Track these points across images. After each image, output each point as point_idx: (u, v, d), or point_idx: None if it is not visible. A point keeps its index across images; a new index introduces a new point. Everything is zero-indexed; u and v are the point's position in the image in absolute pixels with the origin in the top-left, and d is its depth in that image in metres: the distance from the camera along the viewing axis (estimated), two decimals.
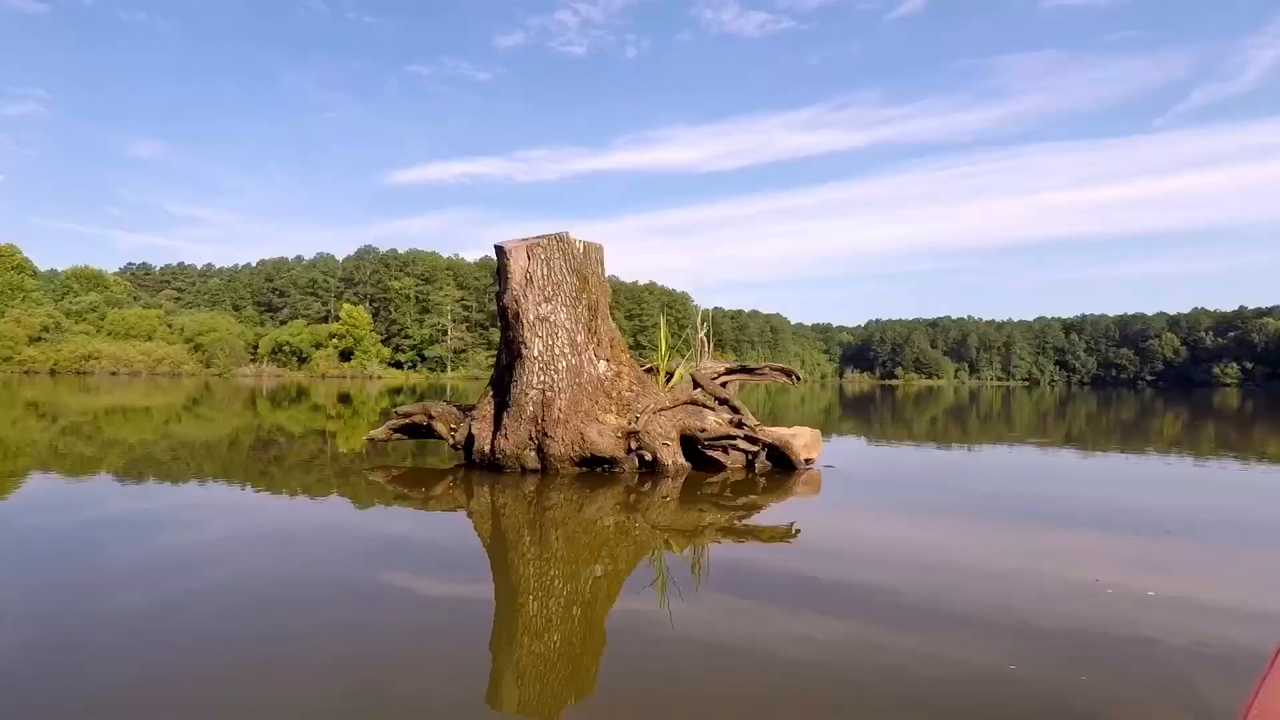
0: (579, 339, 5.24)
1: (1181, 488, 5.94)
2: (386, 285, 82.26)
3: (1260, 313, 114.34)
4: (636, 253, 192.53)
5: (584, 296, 5.28)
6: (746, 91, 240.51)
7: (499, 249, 5.23)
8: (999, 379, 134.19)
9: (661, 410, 5.39)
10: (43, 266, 72.04)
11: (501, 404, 5.39)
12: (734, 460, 5.71)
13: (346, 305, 74.07)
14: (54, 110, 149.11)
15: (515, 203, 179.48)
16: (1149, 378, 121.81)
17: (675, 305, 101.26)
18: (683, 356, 6.80)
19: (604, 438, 5.17)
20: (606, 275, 5.68)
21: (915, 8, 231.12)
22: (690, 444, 5.56)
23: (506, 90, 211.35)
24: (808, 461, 5.98)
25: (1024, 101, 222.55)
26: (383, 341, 76.99)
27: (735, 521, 4.16)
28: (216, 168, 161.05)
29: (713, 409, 5.65)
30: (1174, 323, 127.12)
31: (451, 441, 5.68)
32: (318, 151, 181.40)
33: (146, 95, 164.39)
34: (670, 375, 6.11)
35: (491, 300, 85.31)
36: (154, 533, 3.73)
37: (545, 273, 5.14)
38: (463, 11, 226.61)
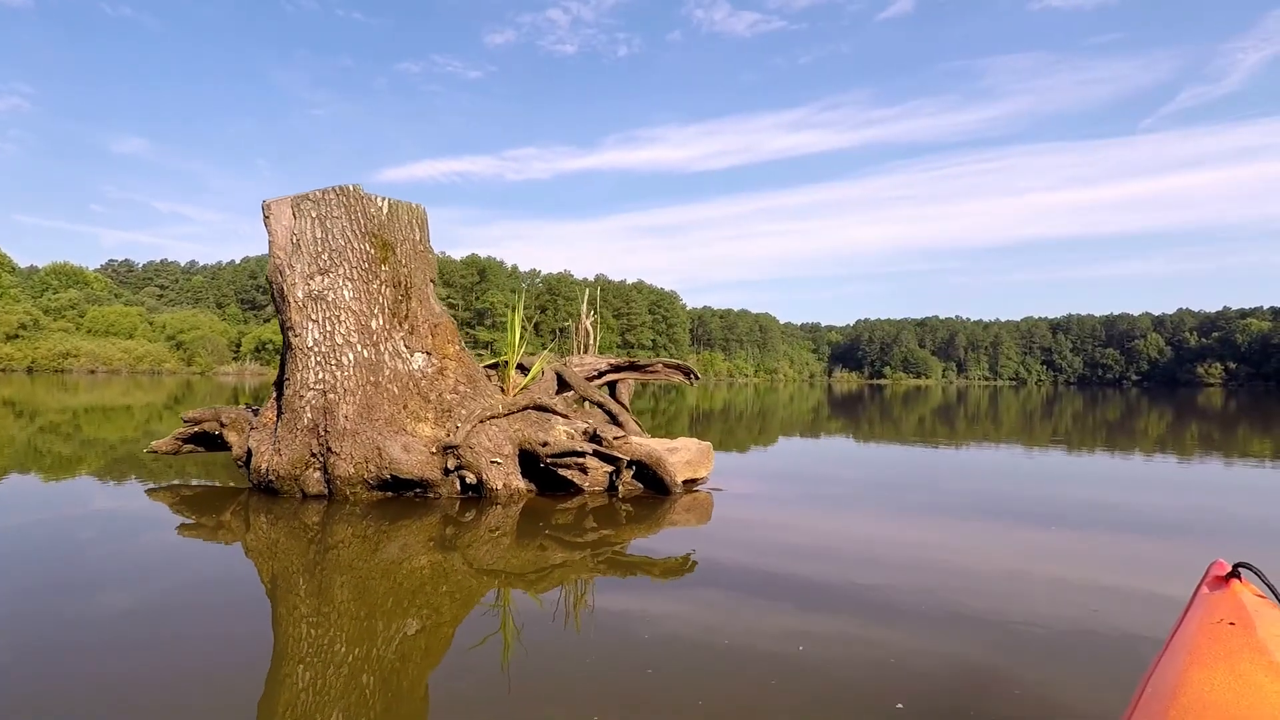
0: (376, 324, 4.00)
1: (1171, 487, 6.00)
2: None
3: (1244, 313, 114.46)
4: (626, 252, 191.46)
5: (383, 269, 4.04)
6: (737, 91, 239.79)
7: (263, 207, 3.97)
8: (986, 379, 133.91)
9: (492, 418, 4.16)
10: (24, 263, 71.75)
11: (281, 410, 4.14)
12: (594, 481, 4.49)
13: None
14: (38, 106, 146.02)
15: (505, 201, 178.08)
16: (1134, 377, 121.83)
17: (663, 304, 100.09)
18: (549, 351, 5.61)
19: (411, 454, 3.94)
20: (430, 244, 4.44)
21: (905, 9, 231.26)
22: (539, 461, 4.33)
23: (497, 88, 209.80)
24: (691, 483, 4.80)
25: (1012, 103, 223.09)
26: None
27: (592, 557, 3.33)
28: (203, 165, 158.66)
29: (564, 416, 4.43)
30: (1159, 323, 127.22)
31: (234, 456, 4.43)
32: (306, 149, 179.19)
33: (132, 92, 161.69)
34: (526, 371, 4.90)
35: (479, 298, 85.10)
36: None
37: (320, 236, 3.89)
38: (453, 9, 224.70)
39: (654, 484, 4.54)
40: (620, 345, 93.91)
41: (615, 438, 4.29)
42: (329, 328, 3.88)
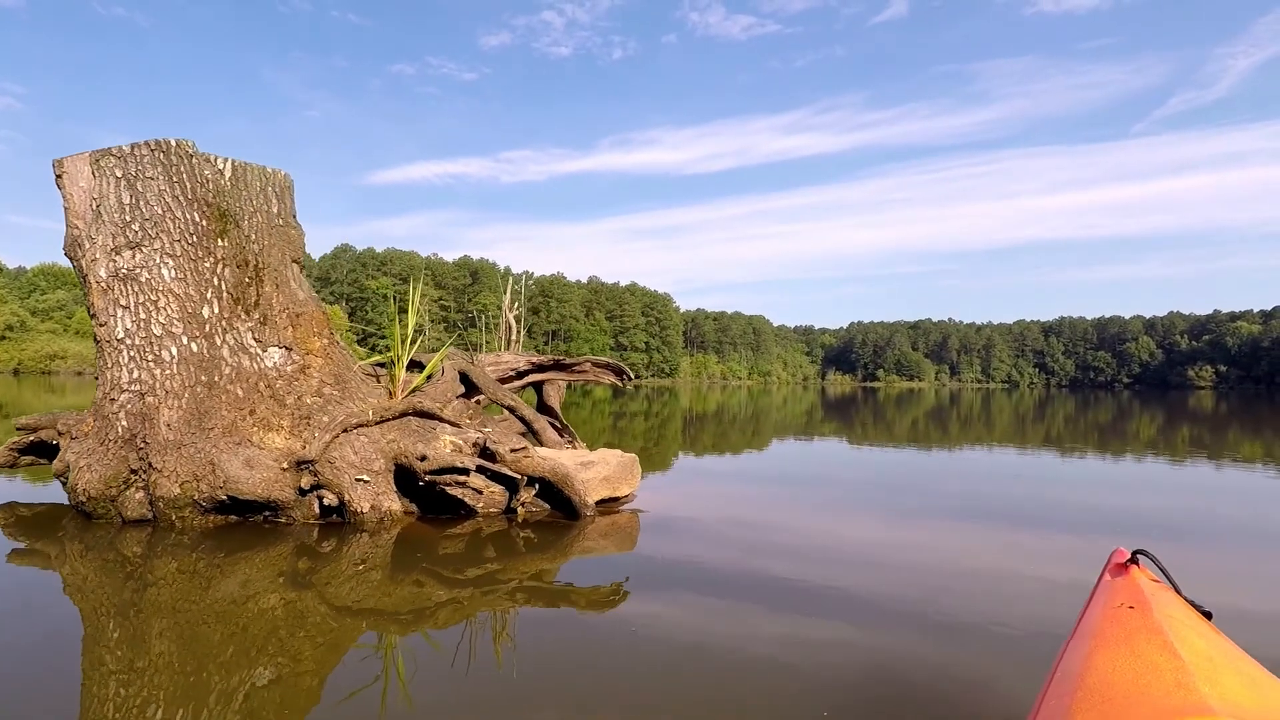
0: (210, 312, 3.27)
1: (1163, 490, 6.02)
2: (364, 285, 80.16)
3: (1234, 316, 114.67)
4: (620, 255, 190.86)
5: (220, 245, 3.30)
6: (731, 94, 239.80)
7: (54, 166, 3.22)
8: (979, 381, 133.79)
9: (360, 426, 3.44)
10: (13, 264, 71.71)
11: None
12: (491, 502, 3.77)
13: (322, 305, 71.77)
14: (29, 105, 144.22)
15: (499, 204, 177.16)
16: (1126, 380, 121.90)
17: (656, 306, 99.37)
18: (464, 347, 4.91)
19: (255, 470, 3.22)
20: (295, 218, 3.72)
21: (899, 13, 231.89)
22: (418, 479, 3.61)
23: (492, 91, 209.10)
24: (607, 503, 4.08)
25: (1005, 107, 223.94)
26: (358, 342, 74.89)
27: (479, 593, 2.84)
28: None
29: (453, 423, 3.71)
30: (1150, 326, 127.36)
31: (55, 472, 3.69)
32: (299, 150, 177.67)
33: (124, 91, 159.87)
34: (419, 369, 4.17)
35: (470, 300, 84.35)
36: None
37: (128, 201, 3.16)
38: (448, 11, 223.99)
39: (563, 505, 3.82)
40: (613, 348, 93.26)
41: (514, 450, 3.57)
42: (143, 315, 3.15)
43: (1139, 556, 1.58)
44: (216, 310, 3.29)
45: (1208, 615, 1.45)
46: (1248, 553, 3.85)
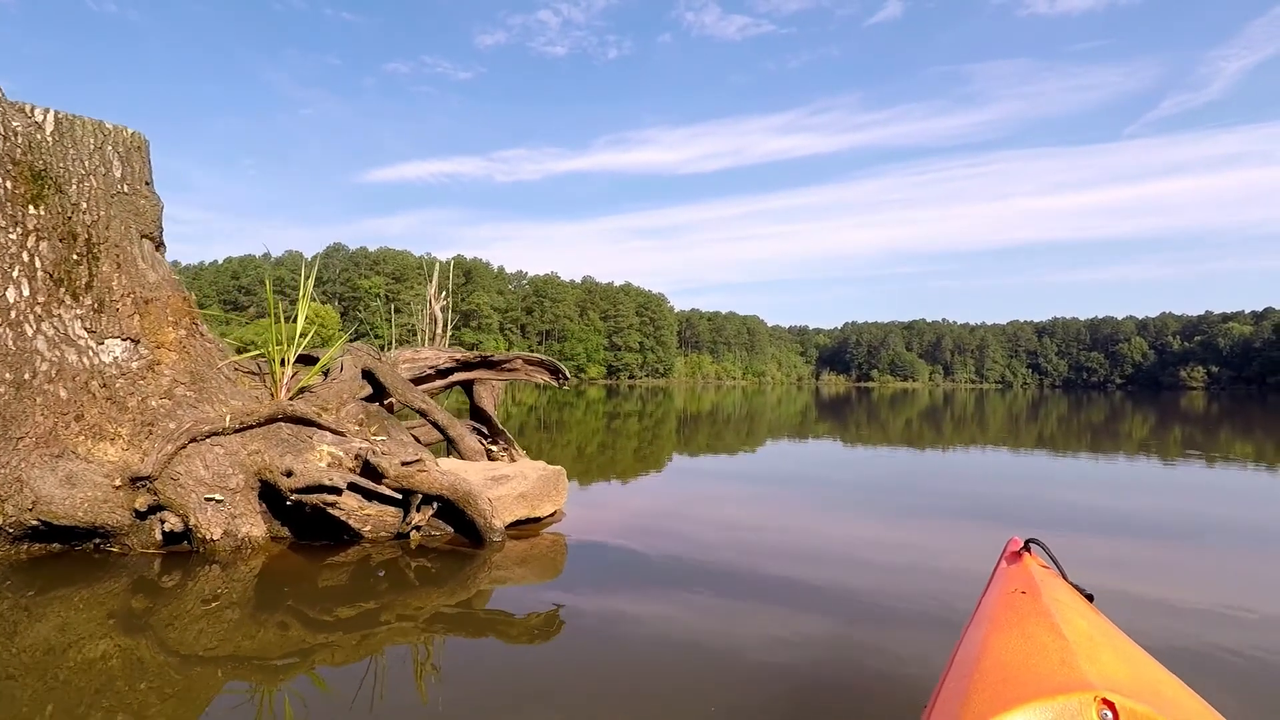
0: (19, 295, 2.67)
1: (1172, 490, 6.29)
2: (356, 284, 79.30)
3: (1225, 317, 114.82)
4: (615, 255, 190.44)
5: (32, 214, 2.70)
6: (727, 94, 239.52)
7: None
8: (973, 382, 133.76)
9: (214, 435, 2.84)
10: None
11: None
12: (379, 525, 3.16)
13: (313, 304, 70.94)
14: (18, 101, 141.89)
15: (494, 203, 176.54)
16: (1119, 381, 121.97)
17: (650, 306, 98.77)
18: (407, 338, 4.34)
19: (77, 488, 2.62)
20: (150, 187, 3.11)
21: (894, 14, 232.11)
22: (285, 497, 3.01)
23: (487, 90, 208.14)
24: (526, 524, 3.51)
25: (999, 108, 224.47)
26: (351, 341, 74.14)
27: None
28: (188, 164, 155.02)
29: (337, 431, 3.11)
30: (1142, 326, 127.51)
31: None
32: (294, 149, 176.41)
33: (115, 88, 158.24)
34: (310, 364, 3.57)
35: (464, 300, 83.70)
36: None
37: None
38: (444, 10, 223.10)
39: (467, 528, 3.23)
40: (607, 347, 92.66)
41: (407, 463, 2.97)
42: None
43: (1031, 545, 1.71)
44: (28, 293, 2.69)
45: (1090, 597, 1.57)
46: (1132, 541, 4.31)
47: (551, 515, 3.82)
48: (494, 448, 5.07)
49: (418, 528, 3.14)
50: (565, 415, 17.82)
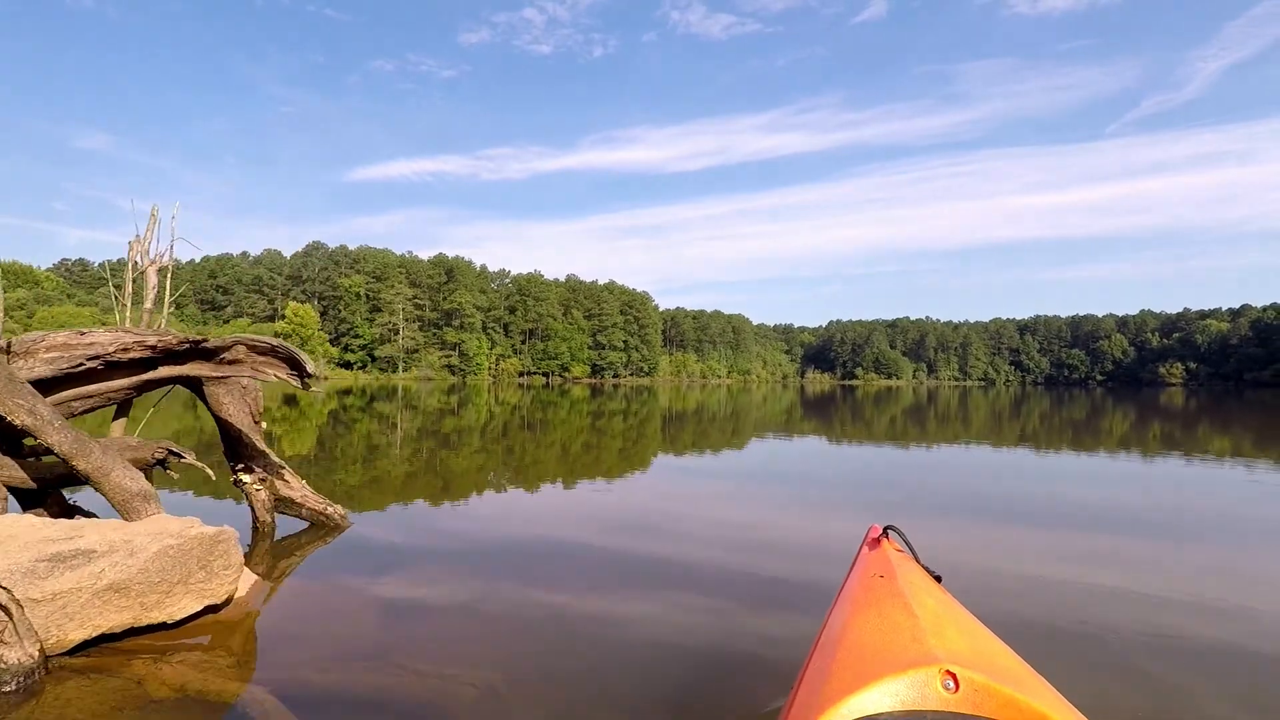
0: None
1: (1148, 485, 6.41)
2: (336, 283, 78.24)
3: (1203, 314, 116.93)
4: (600, 254, 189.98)
5: None
6: (712, 93, 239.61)
7: None
8: (956, 379, 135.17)
9: None
10: None
11: None
12: None
13: (293, 304, 70.04)
14: None
15: (479, 201, 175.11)
16: (1099, 377, 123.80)
17: (635, 305, 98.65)
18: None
19: None
20: None
21: (878, 13, 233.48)
22: None
23: (471, 88, 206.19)
24: (137, 634, 2.47)
25: (982, 107, 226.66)
26: (331, 341, 73.08)
27: None
28: (169, 162, 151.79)
29: None
30: (1122, 324, 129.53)
31: None
32: (276, 147, 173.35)
33: (94, 85, 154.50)
34: None
35: (446, 299, 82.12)
36: None
37: None
38: (427, 7, 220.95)
39: None
40: (591, 346, 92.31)
41: None
42: None
43: (889, 531, 1.86)
44: None
45: (938, 578, 1.71)
46: (980, 524, 4.87)
47: (192, 618, 2.59)
48: (246, 478, 4.11)
49: None
50: (548, 415, 17.71)
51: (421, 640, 2.58)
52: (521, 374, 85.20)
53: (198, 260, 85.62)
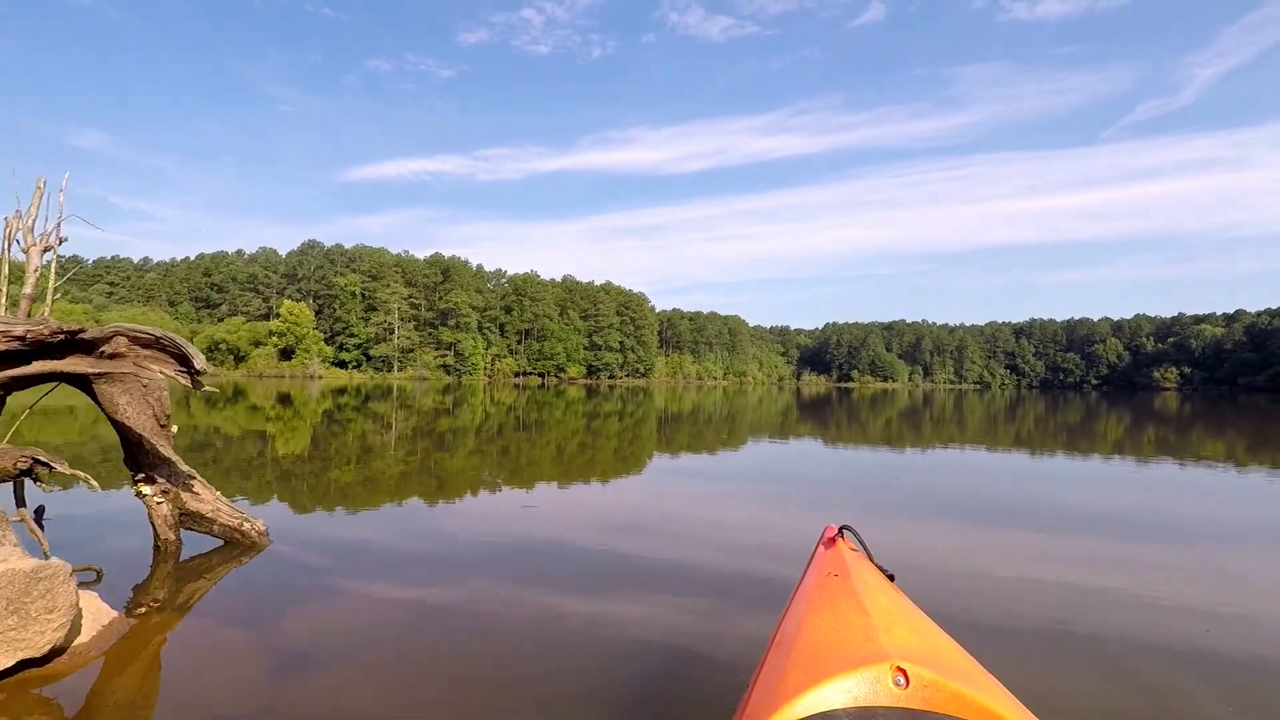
0: None
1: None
2: (331, 282, 77.98)
3: (1198, 319, 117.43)
4: (597, 254, 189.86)
5: None
6: (710, 95, 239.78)
7: None
8: (951, 382, 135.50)
9: None
10: None
11: None
12: None
13: (287, 302, 69.82)
14: None
15: (477, 201, 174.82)
16: (1094, 381, 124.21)
17: (631, 306, 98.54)
18: None
19: None
20: None
21: (876, 17, 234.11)
22: None
23: (469, 88, 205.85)
24: None
25: (978, 111, 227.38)
26: (326, 340, 72.81)
27: None
28: (165, 160, 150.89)
29: None
30: (1117, 328, 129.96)
31: None
32: (273, 146, 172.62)
33: (90, 83, 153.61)
34: None
35: (441, 299, 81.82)
36: None
37: None
38: (426, 7, 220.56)
39: None
40: (587, 347, 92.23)
41: None
42: None
43: (845, 531, 1.90)
44: None
45: (891, 577, 1.74)
46: (981, 524, 4.95)
47: (18, 669, 2.11)
48: (146, 490, 3.57)
49: None
50: (543, 416, 17.66)
51: (315, 696, 2.08)
52: (517, 374, 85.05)
53: (193, 259, 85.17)
